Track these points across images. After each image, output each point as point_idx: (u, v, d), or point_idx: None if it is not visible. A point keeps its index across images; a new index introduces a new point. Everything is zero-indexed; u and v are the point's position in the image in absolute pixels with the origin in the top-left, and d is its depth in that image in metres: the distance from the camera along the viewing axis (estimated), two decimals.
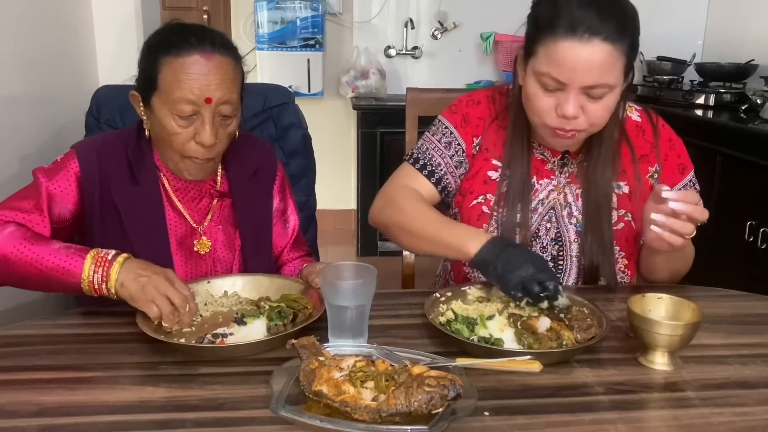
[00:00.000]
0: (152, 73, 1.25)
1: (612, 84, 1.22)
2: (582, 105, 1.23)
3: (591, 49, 1.18)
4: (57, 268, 1.17)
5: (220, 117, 1.27)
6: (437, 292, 1.25)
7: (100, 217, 1.31)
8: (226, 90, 1.25)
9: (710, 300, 1.32)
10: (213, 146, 1.27)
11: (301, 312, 1.18)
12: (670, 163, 1.43)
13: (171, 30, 1.29)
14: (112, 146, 1.34)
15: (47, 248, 1.18)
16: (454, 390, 0.86)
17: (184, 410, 0.92)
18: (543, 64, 1.22)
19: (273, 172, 1.50)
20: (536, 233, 1.42)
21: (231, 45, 1.31)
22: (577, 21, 1.18)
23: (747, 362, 1.08)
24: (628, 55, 1.23)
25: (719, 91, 3.20)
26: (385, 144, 3.77)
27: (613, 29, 1.18)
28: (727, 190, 2.66)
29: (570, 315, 1.14)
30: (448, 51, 4.11)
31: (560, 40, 1.19)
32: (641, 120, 1.45)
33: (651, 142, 1.43)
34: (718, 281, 1.44)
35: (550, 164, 1.42)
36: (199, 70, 1.23)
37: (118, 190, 1.31)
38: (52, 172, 1.30)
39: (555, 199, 1.42)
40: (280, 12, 3.92)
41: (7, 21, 1.85)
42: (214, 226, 1.40)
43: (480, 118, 1.45)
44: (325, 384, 0.90)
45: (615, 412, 0.93)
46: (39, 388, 0.98)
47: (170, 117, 1.25)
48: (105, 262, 1.16)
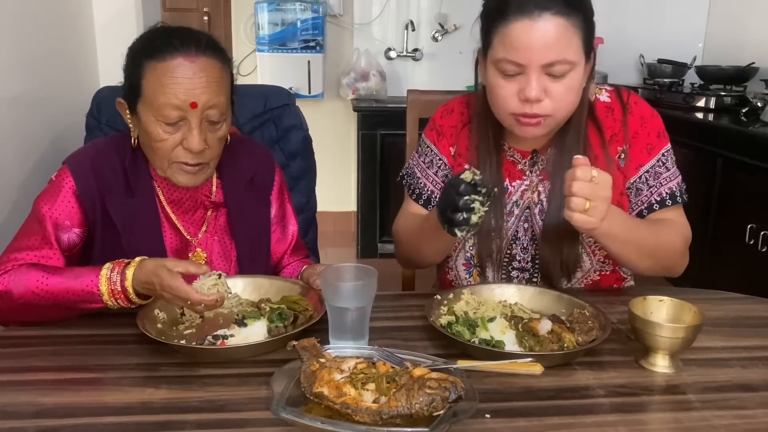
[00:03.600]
0: (136, 79, 1.22)
1: (571, 60, 1.21)
2: (545, 87, 1.22)
3: (543, 24, 1.18)
4: (82, 300, 1.15)
5: (208, 122, 1.23)
6: (438, 294, 1.24)
7: (101, 231, 1.28)
8: (213, 93, 1.21)
9: (711, 303, 1.32)
10: (202, 152, 1.23)
11: (302, 314, 1.18)
12: (639, 141, 1.38)
13: (154, 34, 1.25)
14: (106, 157, 1.30)
15: (61, 287, 1.15)
16: (456, 392, 0.86)
17: (184, 412, 0.92)
18: (499, 51, 1.22)
19: (270, 177, 1.47)
20: (515, 235, 1.40)
21: (218, 46, 1.26)
22: (526, 0, 1.19)
23: (748, 365, 1.08)
24: (583, 29, 1.22)
25: (720, 93, 3.20)
26: (386, 146, 3.76)
27: (562, 3, 1.19)
28: (728, 193, 2.66)
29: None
30: (449, 53, 4.12)
31: (512, 22, 1.19)
32: (610, 100, 1.41)
33: (621, 120, 1.39)
34: (719, 284, 1.43)
35: (521, 165, 1.40)
36: (183, 73, 1.18)
37: (114, 203, 1.28)
38: (50, 197, 1.26)
39: (529, 199, 1.39)
40: (280, 14, 3.93)
41: (8, 22, 1.85)
42: (209, 237, 1.38)
43: (453, 127, 1.46)
44: (326, 386, 0.90)
45: (616, 414, 0.93)
46: (39, 389, 0.98)
47: (156, 123, 1.21)
48: (119, 265, 1.15)
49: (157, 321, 1.16)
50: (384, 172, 3.72)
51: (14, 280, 1.16)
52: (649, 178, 1.37)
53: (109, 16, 2.52)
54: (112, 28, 2.53)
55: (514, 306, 1.23)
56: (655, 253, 1.32)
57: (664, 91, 3.46)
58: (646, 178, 1.37)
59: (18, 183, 1.88)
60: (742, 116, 2.87)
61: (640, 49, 3.82)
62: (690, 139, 2.91)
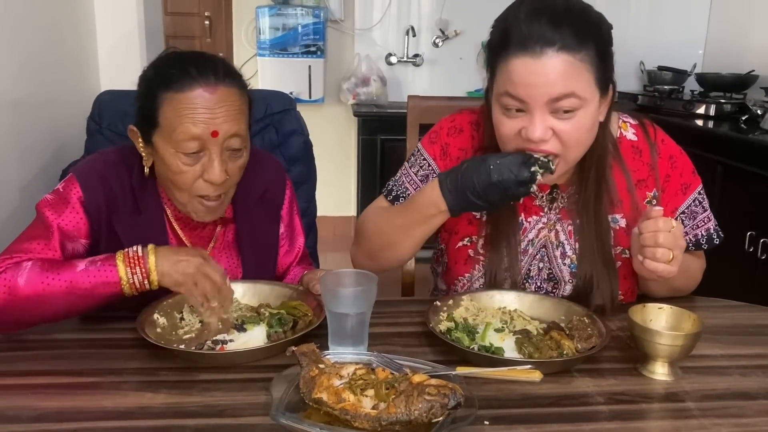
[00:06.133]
0: (152, 111, 1.18)
1: (580, 95, 1.10)
2: (551, 126, 1.12)
3: (545, 62, 1.08)
4: (95, 285, 1.11)
5: (229, 151, 1.20)
6: (437, 300, 1.24)
7: (105, 245, 1.25)
8: (234, 122, 1.18)
9: (710, 310, 1.32)
10: (223, 183, 1.20)
11: (302, 319, 1.18)
12: (672, 184, 1.32)
13: (169, 62, 1.21)
14: (114, 171, 1.27)
15: (74, 272, 1.12)
16: (455, 399, 0.86)
17: (183, 416, 0.92)
18: (500, 85, 1.14)
19: (282, 193, 1.44)
20: (527, 274, 1.33)
21: (235, 72, 1.23)
22: (527, 35, 1.09)
23: (747, 373, 1.08)
24: (596, 64, 1.11)
25: (720, 101, 3.21)
26: (386, 151, 3.77)
27: (569, 36, 1.08)
28: (728, 201, 2.66)
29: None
30: (450, 59, 4.12)
31: (512, 58, 1.10)
32: (637, 139, 1.33)
33: (649, 163, 1.31)
34: (718, 291, 1.43)
35: (539, 200, 1.32)
36: (203, 104, 1.15)
37: (121, 220, 1.26)
38: (58, 206, 1.22)
39: (546, 237, 1.32)
40: (281, 18, 3.93)
41: (10, 25, 1.85)
42: (217, 253, 1.37)
43: (461, 150, 1.36)
44: (325, 391, 0.90)
45: (615, 422, 0.93)
46: (38, 393, 0.98)
47: (175, 155, 1.17)
48: (138, 260, 1.12)
49: (157, 325, 1.16)
50: (384, 177, 3.72)
51: (16, 273, 1.11)
52: (685, 219, 1.35)
53: (111, 20, 2.53)
54: (114, 31, 2.54)
55: (514, 312, 1.23)
56: (682, 287, 1.36)
57: (664, 98, 3.46)
58: (683, 219, 1.34)
59: (19, 186, 1.88)
60: (742, 124, 2.88)
61: (640, 56, 3.82)
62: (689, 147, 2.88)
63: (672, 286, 1.32)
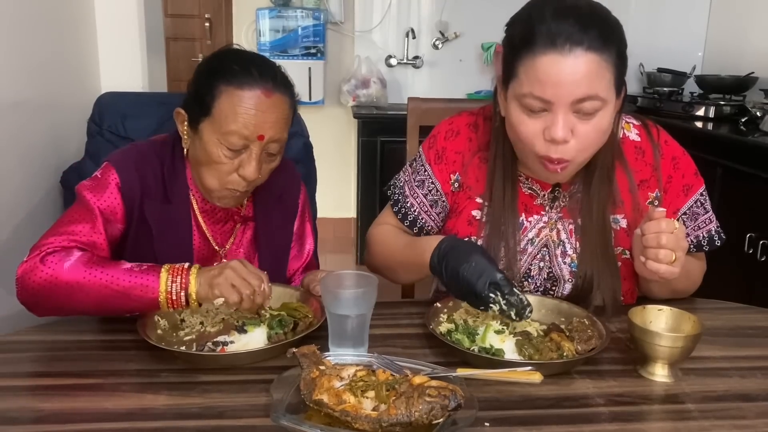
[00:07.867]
0: (208, 99, 1.22)
1: (603, 97, 1.11)
2: (573, 127, 1.12)
3: (574, 60, 1.08)
4: (134, 286, 1.12)
5: (267, 153, 1.25)
6: (438, 302, 1.24)
7: (135, 232, 1.28)
8: (279, 129, 1.24)
9: (710, 312, 1.32)
10: (254, 180, 1.25)
11: (302, 320, 1.18)
12: (674, 185, 1.33)
13: (232, 57, 1.26)
14: (148, 160, 1.30)
15: (118, 269, 1.14)
16: (455, 400, 0.86)
17: (184, 418, 0.92)
18: (524, 85, 1.12)
19: (296, 195, 1.49)
20: (527, 273, 1.33)
21: (289, 82, 1.29)
22: (556, 32, 1.08)
23: (747, 375, 1.08)
24: (616, 65, 1.12)
25: (719, 103, 3.21)
26: (386, 153, 3.78)
27: (595, 37, 1.09)
28: (727, 202, 2.66)
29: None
30: (449, 61, 4.13)
31: (540, 55, 1.09)
32: (640, 139, 1.33)
33: (652, 164, 1.32)
34: (718, 293, 1.43)
35: (540, 199, 1.32)
36: (258, 106, 1.20)
37: (152, 208, 1.29)
38: (97, 189, 1.25)
39: (547, 236, 1.32)
40: (282, 20, 3.94)
41: (11, 27, 1.86)
42: (235, 249, 1.40)
43: (458, 153, 1.35)
44: (326, 393, 0.90)
45: (615, 423, 0.93)
46: (39, 395, 0.98)
47: (219, 146, 1.22)
48: (182, 271, 1.14)
49: (158, 327, 1.16)
50: (384, 179, 3.71)
51: (64, 258, 1.14)
52: (687, 220, 1.35)
53: (111, 22, 2.53)
54: (114, 33, 2.54)
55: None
56: (683, 289, 1.36)
57: (664, 100, 3.46)
58: (684, 220, 1.34)
59: (19, 187, 1.88)
60: (742, 125, 2.88)
61: (639, 58, 3.82)
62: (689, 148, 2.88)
63: (673, 287, 1.32)
